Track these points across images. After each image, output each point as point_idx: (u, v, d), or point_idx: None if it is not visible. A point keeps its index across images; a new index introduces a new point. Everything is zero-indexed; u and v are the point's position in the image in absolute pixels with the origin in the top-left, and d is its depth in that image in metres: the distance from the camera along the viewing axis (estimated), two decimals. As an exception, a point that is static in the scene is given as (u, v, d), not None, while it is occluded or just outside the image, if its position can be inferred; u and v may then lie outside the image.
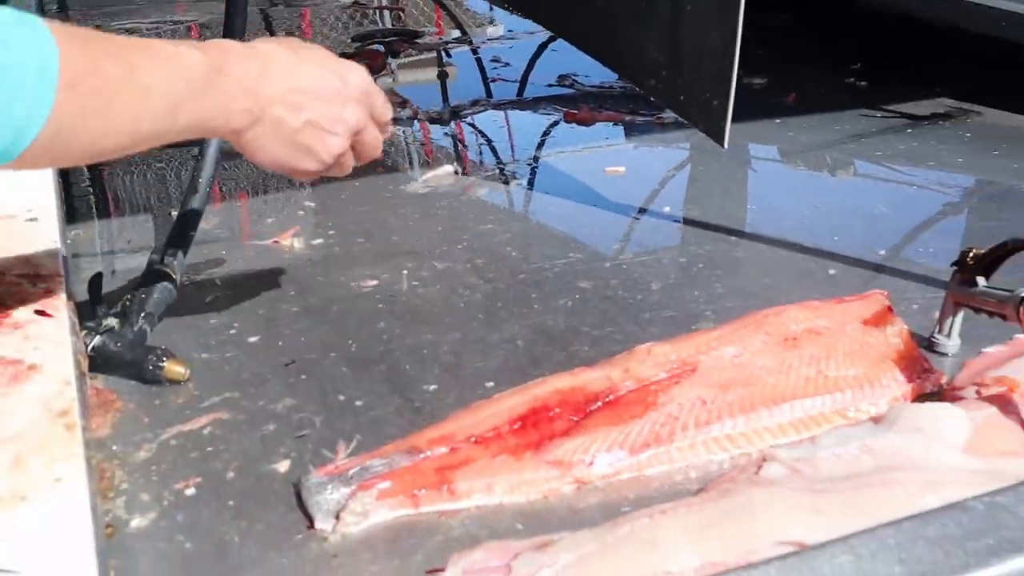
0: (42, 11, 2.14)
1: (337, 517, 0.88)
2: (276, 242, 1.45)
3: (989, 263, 1.07)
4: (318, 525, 0.88)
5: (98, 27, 2.67)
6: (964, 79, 2.07)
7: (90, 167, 1.79)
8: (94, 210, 1.62)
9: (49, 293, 1.06)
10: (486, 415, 0.99)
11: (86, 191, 1.68)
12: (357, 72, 1.05)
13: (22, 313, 1.02)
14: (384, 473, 0.91)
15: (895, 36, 2.28)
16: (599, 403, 0.99)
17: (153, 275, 1.19)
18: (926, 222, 1.54)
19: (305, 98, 0.98)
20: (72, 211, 1.57)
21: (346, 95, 1.02)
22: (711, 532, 0.83)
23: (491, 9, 2.91)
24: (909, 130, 1.88)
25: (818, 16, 2.47)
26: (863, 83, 2.17)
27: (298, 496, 0.91)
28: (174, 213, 1.34)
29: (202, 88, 0.89)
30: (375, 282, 1.33)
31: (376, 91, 1.08)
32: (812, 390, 1.02)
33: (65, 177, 1.63)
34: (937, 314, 1.14)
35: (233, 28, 1.37)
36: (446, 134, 1.95)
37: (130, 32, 2.66)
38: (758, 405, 1.00)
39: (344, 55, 2.31)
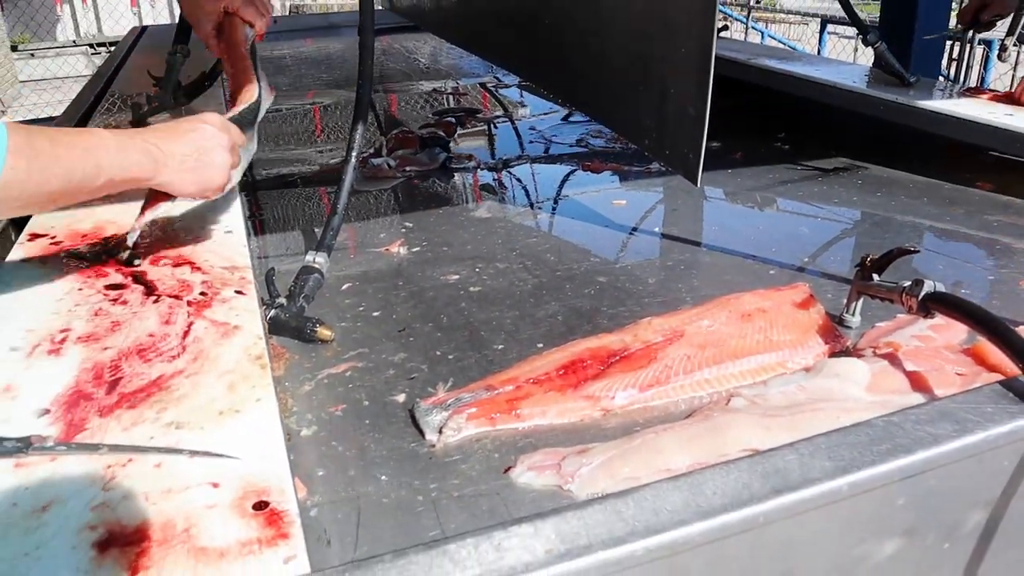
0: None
1: (440, 432, 0.91)
2: (387, 250, 1.47)
3: (881, 264, 1.09)
4: (427, 437, 0.91)
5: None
6: (855, 145, 2.07)
7: (249, 200, 1.81)
8: (266, 228, 1.64)
9: (243, 280, 1.08)
10: (540, 364, 1.01)
11: (259, 215, 1.71)
12: (210, 116, 1.12)
13: (227, 292, 1.04)
14: (471, 402, 0.94)
15: (807, 115, 2.28)
16: (617, 357, 1.01)
17: (308, 270, 1.21)
18: (832, 240, 1.54)
19: (191, 140, 1.06)
20: (252, 228, 1.60)
21: (211, 128, 1.09)
22: (697, 442, 0.85)
23: (521, 95, 2.92)
24: (819, 179, 1.89)
25: (753, 101, 2.47)
26: (787, 146, 2.17)
27: (412, 418, 0.94)
28: (318, 230, 1.37)
29: (117, 150, 0.95)
30: (457, 276, 1.35)
31: (230, 126, 1.15)
32: (762, 349, 1.03)
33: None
34: (844, 300, 1.15)
35: (362, 104, 1.39)
36: (495, 179, 1.96)
37: (278, 111, 2.67)
38: (725, 359, 1.01)
39: (426, 125, 2.36)
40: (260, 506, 0.69)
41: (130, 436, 0.78)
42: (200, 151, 1.07)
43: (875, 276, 1.09)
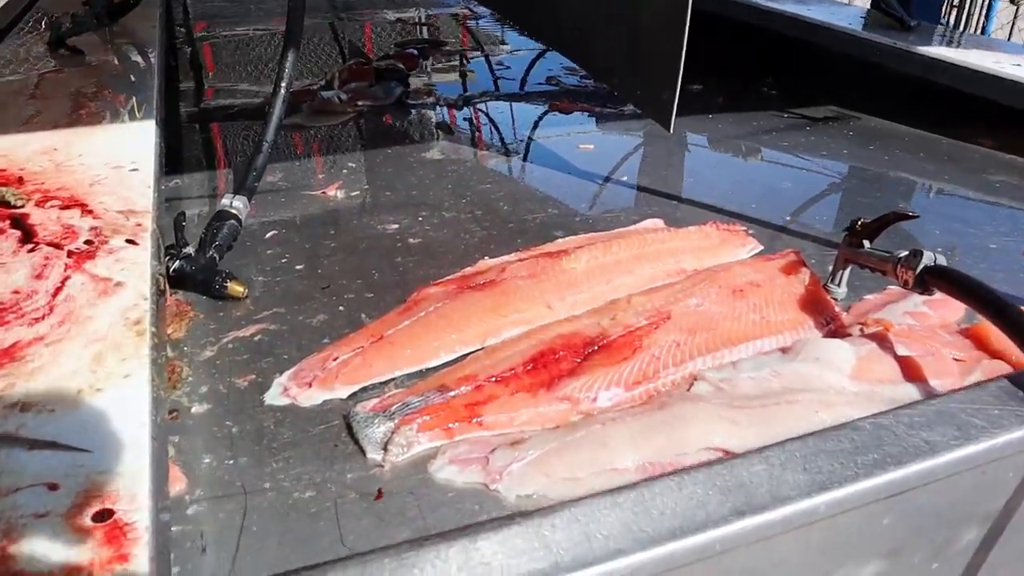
0: (168, 18, 1.98)
1: (385, 448, 0.74)
2: (323, 193, 1.32)
3: (874, 229, 0.96)
4: (369, 456, 0.74)
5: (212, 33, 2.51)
6: (848, 92, 1.94)
7: (203, 132, 1.65)
8: (187, 166, 1.48)
9: (139, 227, 0.94)
10: (503, 357, 0.85)
11: (182, 151, 1.55)
12: None
13: (116, 241, 0.90)
14: (422, 408, 0.78)
15: (797, 58, 2.13)
16: (595, 346, 0.86)
17: (223, 215, 1.07)
18: (817, 196, 1.41)
19: None
20: (178, 164, 1.44)
21: None
22: (650, 437, 0.73)
23: (502, 30, 2.74)
24: (807, 128, 1.75)
25: (739, 41, 2.31)
26: (774, 92, 2.03)
27: (348, 428, 0.78)
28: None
29: None
30: (396, 225, 1.21)
31: None
32: (760, 332, 0.90)
33: (177, 139, 1.51)
34: (829, 267, 1.03)
35: (294, 30, 1.23)
36: (454, 118, 1.80)
37: (238, 38, 2.48)
38: (720, 346, 0.87)
39: (385, 56, 2.18)
40: (102, 516, 0.56)
41: (-36, 418, 0.65)
42: None
43: (866, 243, 0.96)
